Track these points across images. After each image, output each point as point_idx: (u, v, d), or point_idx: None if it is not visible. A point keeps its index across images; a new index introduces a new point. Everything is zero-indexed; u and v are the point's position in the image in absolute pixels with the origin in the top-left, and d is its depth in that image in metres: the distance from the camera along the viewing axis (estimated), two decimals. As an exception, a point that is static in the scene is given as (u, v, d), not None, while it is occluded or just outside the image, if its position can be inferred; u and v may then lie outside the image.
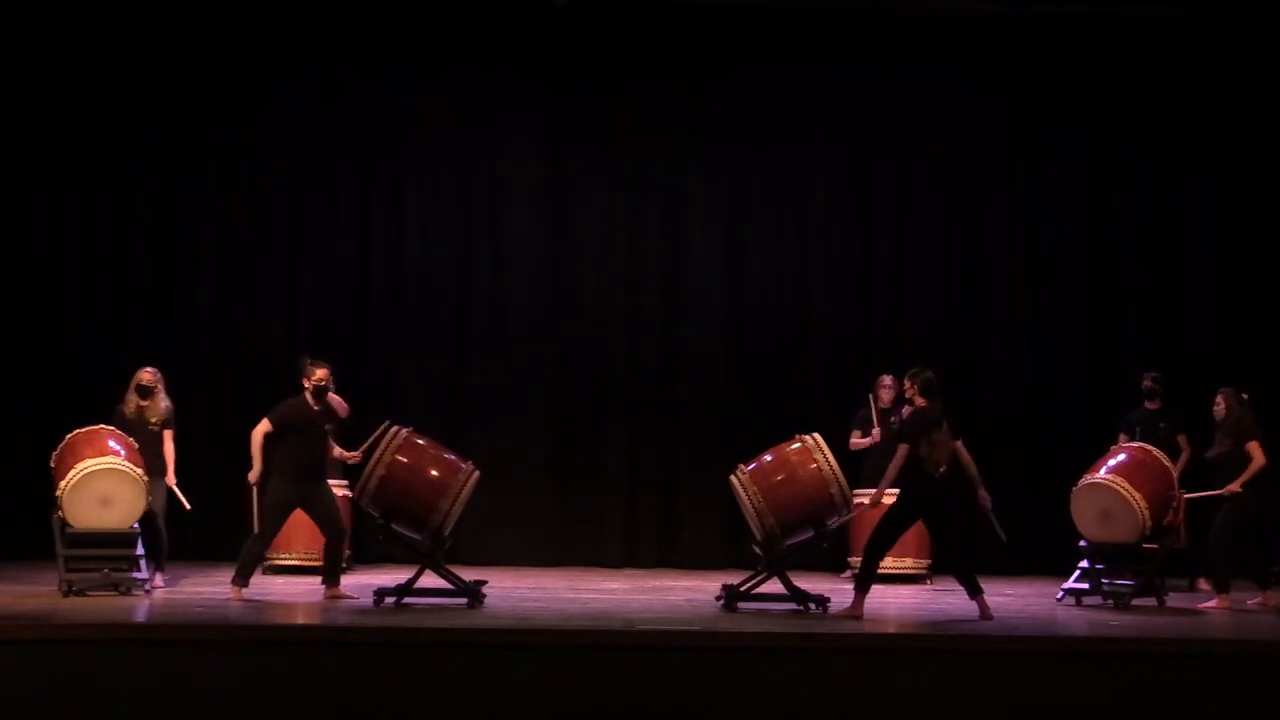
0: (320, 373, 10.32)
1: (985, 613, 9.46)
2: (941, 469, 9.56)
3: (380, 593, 9.81)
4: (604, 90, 13.71)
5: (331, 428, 10.49)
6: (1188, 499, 10.92)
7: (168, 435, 10.90)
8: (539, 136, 13.83)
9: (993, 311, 13.81)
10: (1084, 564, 10.84)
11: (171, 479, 10.89)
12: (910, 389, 9.89)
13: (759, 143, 13.85)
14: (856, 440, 12.44)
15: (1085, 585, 10.78)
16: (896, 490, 9.91)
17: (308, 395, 10.28)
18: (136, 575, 10.20)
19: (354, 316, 13.71)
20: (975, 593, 9.55)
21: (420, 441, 10.09)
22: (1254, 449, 10.53)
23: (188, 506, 10.99)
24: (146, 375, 10.96)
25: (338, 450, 10.81)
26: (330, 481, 10.72)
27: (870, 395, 12.50)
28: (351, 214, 13.74)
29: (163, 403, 10.95)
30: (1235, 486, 10.56)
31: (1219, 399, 10.80)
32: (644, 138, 13.79)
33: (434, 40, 13.53)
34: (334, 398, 10.59)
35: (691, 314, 13.81)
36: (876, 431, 12.28)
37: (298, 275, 13.67)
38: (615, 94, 13.69)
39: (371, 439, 10.31)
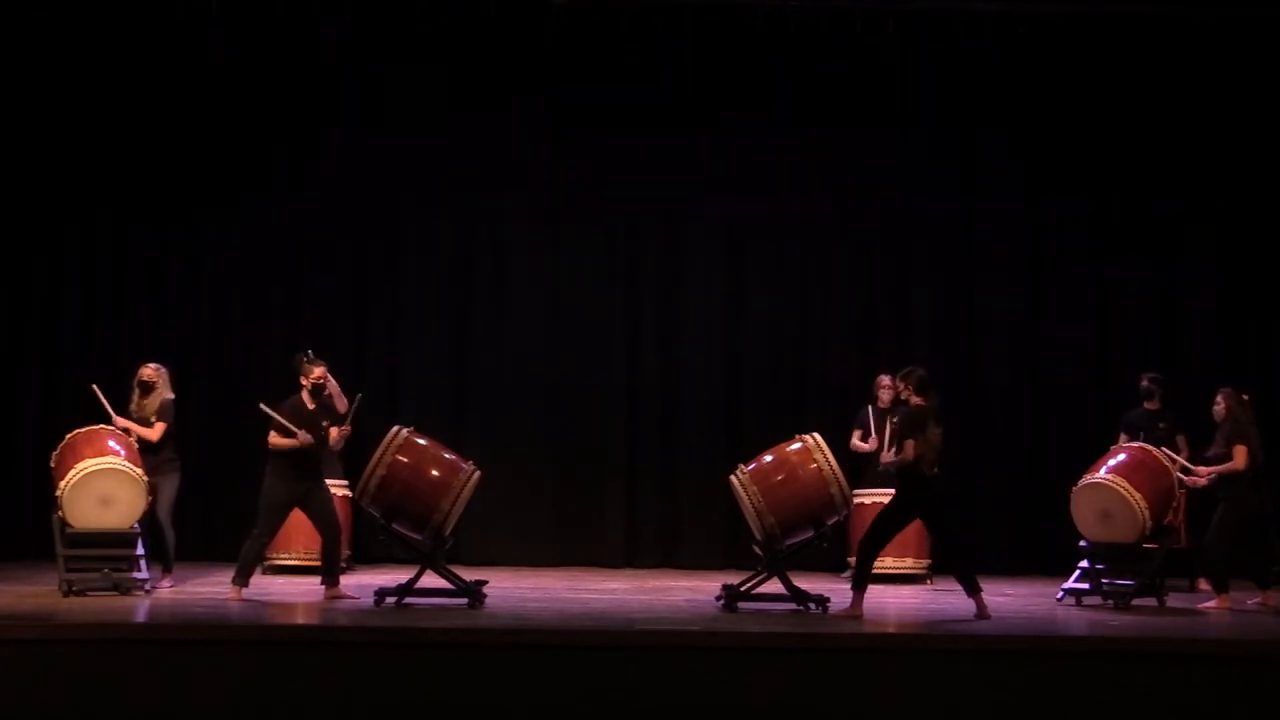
0: (318, 371, 10.35)
1: (982, 611, 9.47)
2: (935, 469, 9.56)
3: (380, 593, 9.81)
4: (600, 91, 13.59)
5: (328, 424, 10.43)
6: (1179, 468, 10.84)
7: (159, 426, 10.80)
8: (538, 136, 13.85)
9: (993, 311, 13.80)
10: (1084, 564, 10.84)
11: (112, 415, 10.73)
12: (905, 388, 9.90)
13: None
14: (857, 443, 12.41)
15: (1085, 585, 10.78)
16: (891, 491, 9.95)
17: (305, 394, 10.30)
18: (136, 575, 10.19)
19: (354, 315, 13.70)
20: (973, 591, 9.56)
21: (421, 441, 10.09)
22: (1238, 452, 10.51)
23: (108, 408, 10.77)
24: (146, 371, 10.94)
25: (332, 433, 10.49)
26: (330, 481, 10.71)
27: (871, 400, 12.51)
28: (352, 215, 13.73)
29: (162, 397, 10.89)
30: (1200, 478, 10.61)
31: (1219, 399, 10.80)
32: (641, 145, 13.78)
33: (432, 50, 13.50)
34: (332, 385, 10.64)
35: (692, 313, 13.80)
36: (874, 440, 12.21)
37: (299, 278, 13.65)
38: (611, 96, 13.59)
39: (351, 408, 10.57)
